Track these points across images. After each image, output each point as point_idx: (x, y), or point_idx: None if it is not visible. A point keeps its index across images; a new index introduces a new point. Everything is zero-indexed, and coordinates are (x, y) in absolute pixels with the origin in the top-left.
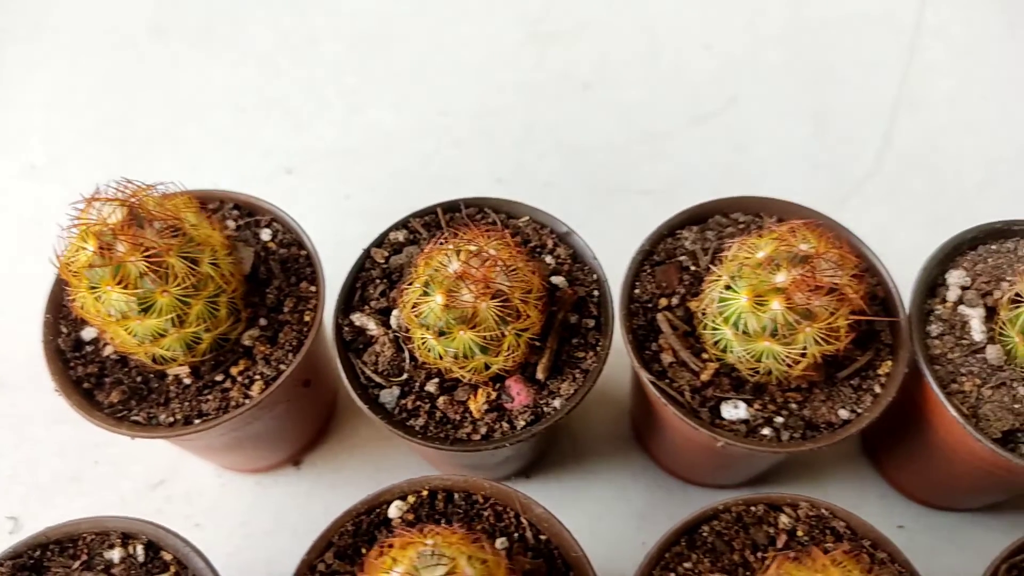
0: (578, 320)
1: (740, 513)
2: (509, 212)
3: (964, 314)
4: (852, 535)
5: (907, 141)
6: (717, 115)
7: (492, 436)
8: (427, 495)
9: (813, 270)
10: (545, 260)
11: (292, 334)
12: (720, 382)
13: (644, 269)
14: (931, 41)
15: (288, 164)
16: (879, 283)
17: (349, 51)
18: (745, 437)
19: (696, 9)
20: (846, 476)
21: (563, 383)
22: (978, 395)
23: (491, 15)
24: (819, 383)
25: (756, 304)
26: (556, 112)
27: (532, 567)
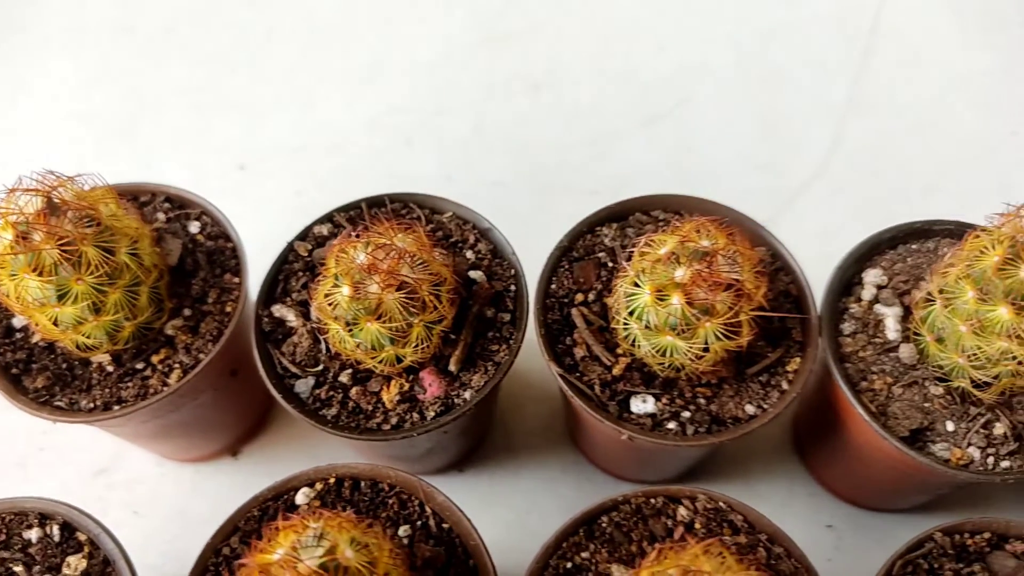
0: (494, 314)
1: (640, 505)
2: (433, 208)
3: (880, 313)
4: (749, 529)
5: (855, 143)
6: (667, 116)
7: (402, 426)
8: (334, 482)
9: (711, 266)
10: (466, 255)
11: (213, 324)
12: (631, 377)
13: (562, 265)
14: (884, 44)
15: (241, 160)
16: (792, 281)
17: (305, 50)
18: (651, 431)
19: (651, 12)
20: (776, 474)
21: (475, 375)
22: (888, 393)
23: (447, 16)
24: (729, 379)
25: (658, 299)
26: (507, 112)
27: (432, 554)
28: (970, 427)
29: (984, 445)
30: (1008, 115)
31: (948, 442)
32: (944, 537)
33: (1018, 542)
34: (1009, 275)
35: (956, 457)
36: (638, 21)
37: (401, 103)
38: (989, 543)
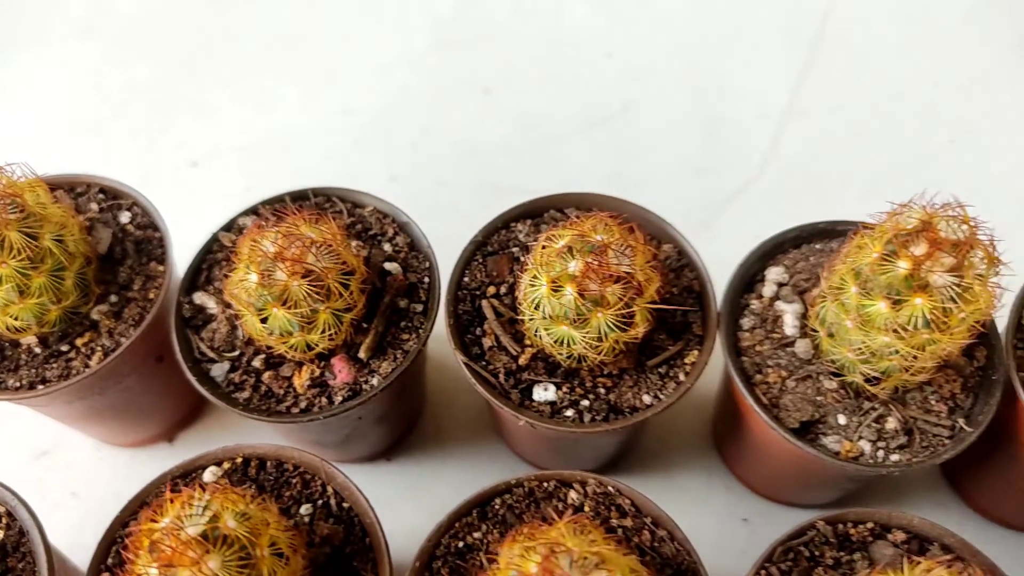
0: (408, 305)
1: (532, 488)
2: (355, 202)
3: (780, 309)
4: (636, 512)
5: (794, 149)
6: (611, 121)
7: (311, 410)
8: (241, 462)
9: (602, 259)
10: (383, 248)
11: (136, 310)
12: (536, 366)
13: (476, 259)
14: (828, 52)
15: (194, 157)
16: (696, 277)
17: (264, 52)
18: (549, 418)
19: (602, 19)
20: (696, 469)
21: (384, 363)
22: (782, 386)
23: (403, 20)
24: (630, 370)
25: (553, 290)
26: (455, 115)
27: (330, 531)
28: (862, 421)
29: (875, 439)
30: (947, 123)
31: (839, 435)
32: (826, 526)
33: (899, 532)
34: (887, 270)
35: (846, 449)
36: (587, 29)
37: (354, 105)
38: (872, 533)
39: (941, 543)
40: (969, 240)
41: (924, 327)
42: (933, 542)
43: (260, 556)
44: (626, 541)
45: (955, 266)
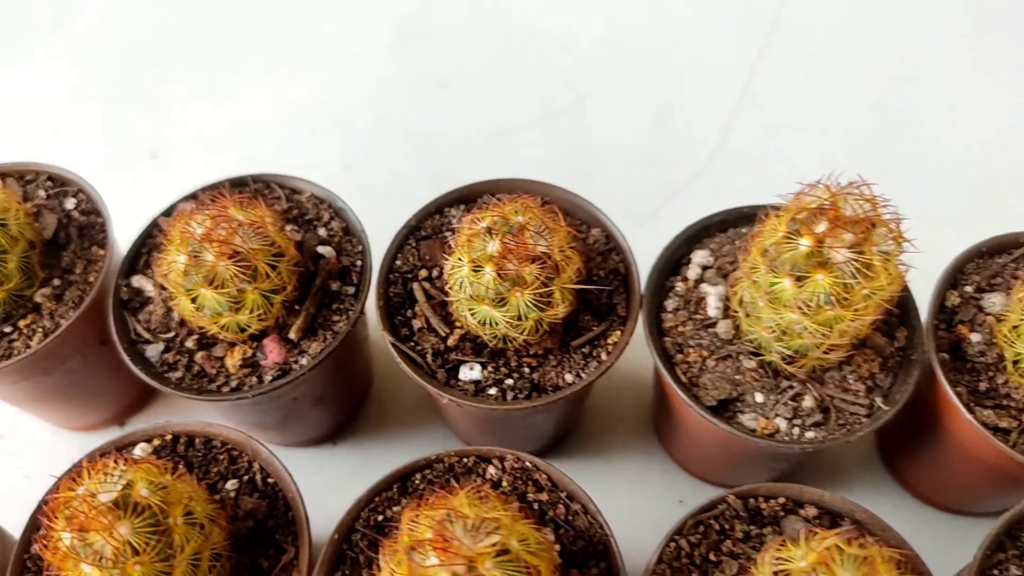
0: (340, 287)
1: (452, 464)
2: (293, 188)
3: (704, 291)
4: (552, 487)
5: (743, 141)
6: (565, 113)
7: (241, 389)
8: (170, 439)
9: (518, 239)
10: (318, 232)
11: (77, 293)
12: (464, 347)
13: (409, 243)
14: (782, 46)
15: (153, 149)
16: (622, 260)
17: (225, 46)
18: (473, 396)
19: (558, 14)
20: (636, 452)
21: (314, 343)
22: (702, 365)
23: (363, 15)
24: (555, 350)
25: (474, 271)
26: (412, 107)
27: (254, 506)
28: (779, 399)
29: (791, 416)
30: (899, 113)
31: (756, 413)
32: (737, 500)
33: (811, 507)
34: (790, 248)
35: (762, 427)
36: (544, 23)
37: (312, 98)
38: (784, 508)
39: (852, 518)
40: (868, 218)
41: (827, 303)
42: (844, 517)
43: (173, 524)
44: (541, 514)
45: (855, 243)
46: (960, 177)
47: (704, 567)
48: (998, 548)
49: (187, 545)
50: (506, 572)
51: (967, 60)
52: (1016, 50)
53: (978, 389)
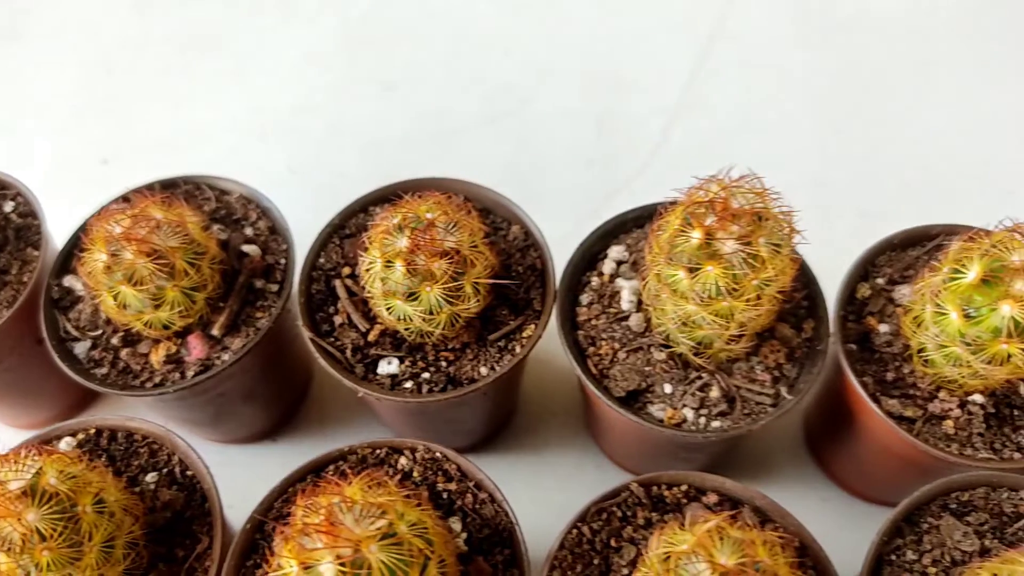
0: (264, 285)
1: (366, 455)
2: (223, 189)
3: (618, 285)
4: (461, 477)
5: (683, 141)
6: (510, 115)
7: (164, 385)
8: (94, 433)
9: (427, 234)
10: (244, 231)
11: (10, 292)
12: (383, 342)
13: (333, 241)
14: (724, 48)
15: (105, 155)
16: (539, 256)
17: (179, 53)
18: (389, 390)
19: (506, 19)
20: (571, 446)
21: (236, 339)
22: (613, 358)
23: (312, 19)
24: (472, 344)
25: (386, 266)
26: (360, 111)
27: (172, 498)
28: (687, 390)
29: (697, 406)
30: (836, 113)
31: (665, 403)
32: (639, 487)
33: (713, 494)
34: (684, 241)
35: (668, 416)
36: (491, 28)
37: (262, 103)
38: (686, 495)
39: (752, 505)
40: (754, 210)
41: (718, 294)
42: (744, 504)
43: (82, 512)
44: (450, 503)
45: (743, 235)
46: (900, 173)
47: (605, 552)
48: (896, 534)
49: (96, 532)
50: (391, 555)
51: (908, 59)
52: (956, 50)
53: (885, 379)
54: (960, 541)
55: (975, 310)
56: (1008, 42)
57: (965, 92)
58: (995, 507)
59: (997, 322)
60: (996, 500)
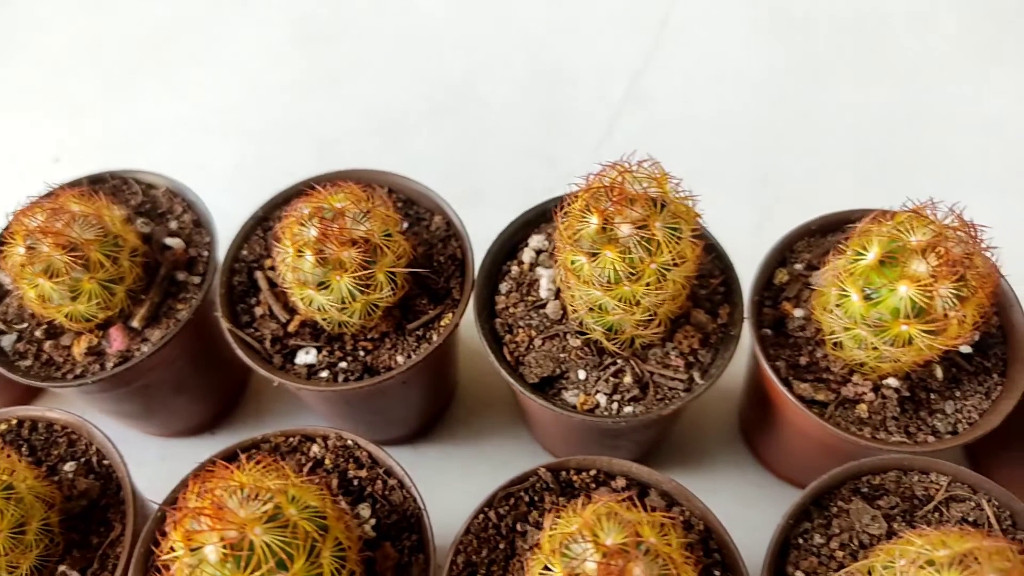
0: (186, 277)
1: (279, 443)
2: (150, 183)
3: (537, 274)
4: (372, 463)
5: (629, 134)
6: (456, 109)
7: (85, 376)
8: (15, 423)
9: (335, 223)
10: (168, 225)
11: None
12: (303, 332)
13: (256, 234)
14: (672, 41)
15: (56, 154)
16: (459, 246)
17: (130, 52)
18: (305, 379)
19: (453, 13)
20: (505, 435)
21: (156, 331)
22: (529, 345)
23: (262, 16)
24: (390, 333)
25: (297, 256)
26: (307, 106)
27: (88, 486)
28: (600, 376)
29: (611, 392)
30: (781, 105)
31: (579, 389)
32: (547, 472)
33: (621, 479)
34: (584, 227)
35: (581, 402)
36: (439, 23)
37: (211, 100)
38: (595, 480)
39: (659, 489)
40: (648, 195)
41: (616, 280)
42: (652, 488)
43: None
44: (360, 490)
45: (639, 220)
46: (840, 164)
47: (510, 536)
48: (805, 517)
49: (2, 519)
50: (277, 538)
51: (851, 52)
52: (900, 41)
53: (799, 364)
54: (868, 525)
55: (875, 291)
56: (948, 36)
57: (906, 83)
58: (906, 490)
59: (895, 303)
60: (908, 484)
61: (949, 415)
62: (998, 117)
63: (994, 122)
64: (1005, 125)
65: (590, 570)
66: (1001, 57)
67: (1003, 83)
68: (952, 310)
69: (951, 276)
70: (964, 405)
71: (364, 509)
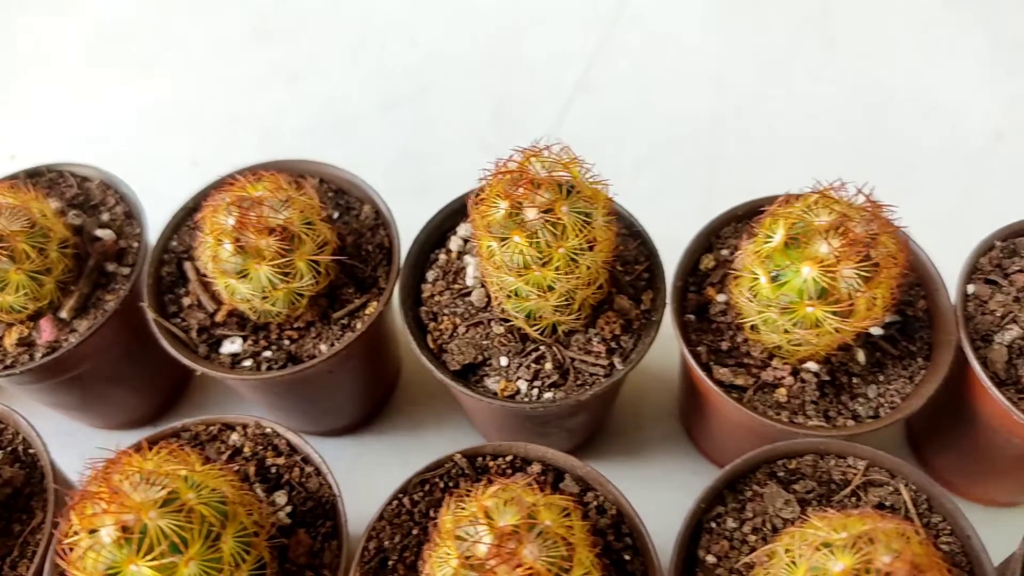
0: (116, 268)
1: (199, 432)
2: (85, 176)
3: (465, 262)
4: (291, 451)
5: (579, 124)
6: (408, 101)
7: (14, 368)
8: None
9: (252, 211)
10: (101, 216)
11: None
12: (231, 322)
13: (187, 224)
14: (624, 31)
15: (12, 151)
16: (387, 235)
17: (88, 49)
18: (230, 368)
19: (409, 8)
20: (446, 425)
21: (85, 322)
22: (453, 332)
23: (218, 12)
24: (316, 322)
25: (216, 245)
26: (265, 101)
27: (12, 475)
28: (522, 362)
29: (531, 378)
30: (732, 94)
31: (500, 376)
32: (463, 459)
33: (537, 464)
34: (494, 212)
35: (502, 388)
36: (394, 17)
37: (169, 96)
38: (511, 465)
39: (573, 474)
40: (554, 179)
41: (527, 265)
42: (567, 473)
43: None
44: (278, 478)
45: (546, 204)
46: (794, 152)
47: (423, 523)
48: (719, 501)
49: None
50: (172, 522)
51: (808, 40)
52: (852, 27)
53: (720, 348)
54: (781, 509)
55: (781, 273)
56: (901, 24)
57: (858, 71)
58: (823, 475)
59: (800, 284)
60: (825, 468)
61: (872, 399)
62: (951, 105)
63: (947, 110)
64: (957, 113)
65: (482, 552)
66: (955, 46)
67: (956, 72)
68: (858, 291)
69: (854, 257)
70: (887, 389)
71: (280, 496)
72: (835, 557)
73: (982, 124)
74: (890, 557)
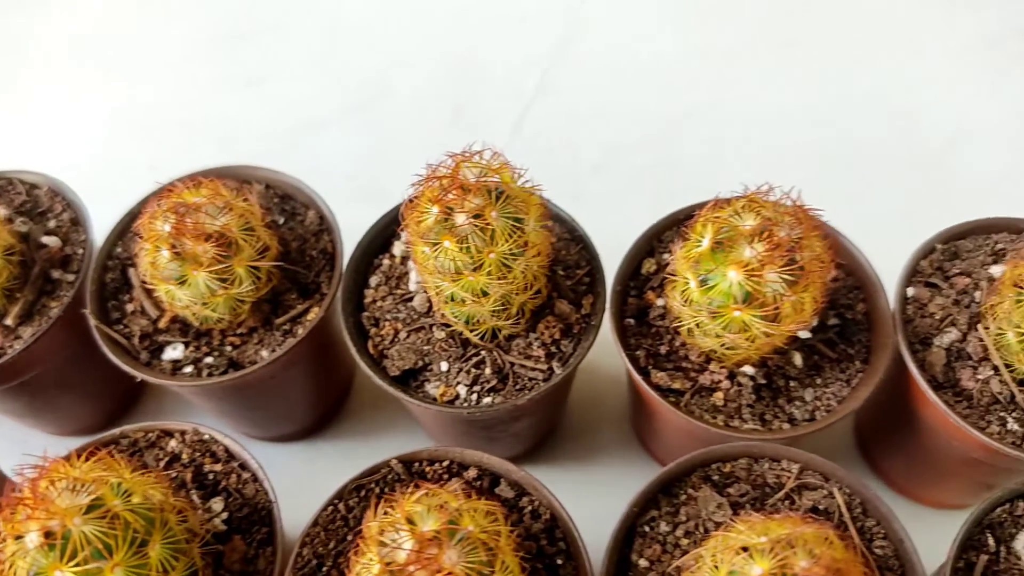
0: (61, 275)
1: (138, 439)
2: (33, 183)
3: (408, 267)
4: (229, 457)
5: (537, 127)
6: (369, 106)
7: None
8: None
9: (187, 218)
10: (48, 223)
11: None
12: (173, 329)
13: (131, 230)
14: (583, 32)
15: None
16: (331, 240)
17: (49, 53)
18: (170, 375)
19: (373, 12)
20: (399, 429)
21: (30, 329)
22: (394, 338)
23: (178, 15)
24: (258, 328)
25: (154, 251)
26: (226, 106)
27: None
28: (462, 367)
29: (471, 383)
30: (689, 97)
31: (440, 381)
32: (399, 464)
33: (474, 469)
34: (426, 217)
35: (441, 393)
36: (354, 23)
37: (128, 101)
38: (448, 470)
39: (509, 479)
40: (484, 184)
41: (459, 270)
42: (502, 478)
43: None
44: (215, 484)
45: (476, 209)
46: (750, 155)
47: (358, 529)
48: (653, 505)
49: None
50: (96, 528)
51: (765, 43)
52: (809, 31)
53: (659, 352)
54: (714, 512)
55: (709, 277)
56: (857, 25)
57: (814, 73)
58: (758, 478)
59: (726, 288)
60: (759, 471)
61: (808, 402)
62: (907, 109)
63: (903, 114)
64: (913, 116)
65: (402, 558)
66: (913, 47)
67: (913, 75)
68: (783, 295)
69: (778, 260)
70: (824, 392)
71: (217, 503)
72: (754, 561)
73: (937, 127)
74: (808, 562)
